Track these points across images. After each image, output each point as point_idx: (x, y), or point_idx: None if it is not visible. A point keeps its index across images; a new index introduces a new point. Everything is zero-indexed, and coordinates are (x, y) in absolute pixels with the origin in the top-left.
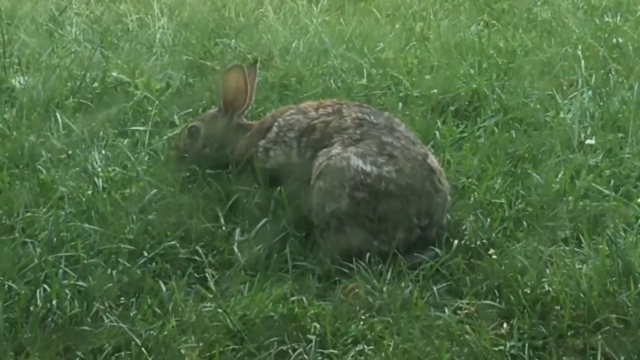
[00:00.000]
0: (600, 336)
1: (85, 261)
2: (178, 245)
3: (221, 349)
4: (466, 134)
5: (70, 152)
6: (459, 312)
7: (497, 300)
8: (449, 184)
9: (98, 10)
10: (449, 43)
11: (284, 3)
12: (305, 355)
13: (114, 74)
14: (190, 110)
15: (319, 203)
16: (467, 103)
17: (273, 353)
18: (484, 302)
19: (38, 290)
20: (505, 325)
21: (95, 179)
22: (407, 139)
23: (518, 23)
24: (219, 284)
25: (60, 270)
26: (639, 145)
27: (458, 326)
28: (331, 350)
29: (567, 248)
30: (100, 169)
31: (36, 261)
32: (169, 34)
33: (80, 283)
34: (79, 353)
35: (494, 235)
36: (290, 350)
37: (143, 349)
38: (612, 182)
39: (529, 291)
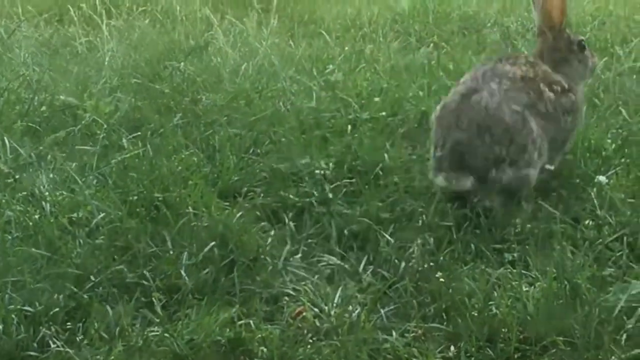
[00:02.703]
0: (547, 359)
1: (32, 286)
2: (125, 269)
3: None
4: (415, 157)
5: (17, 176)
6: (406, 335)
7: (445, 323)
8: None
9: (47, 33)
10: (398, 65)
11: (233, 26)
12: None
13: (63, 97)
14: (139, 133)
15: None
16: (416, 125)
17: None
18: (432, 325)
19: None
20: (452, 348)
21: (43, 203)
22: None
23: (467, 45)
24: (166, 308)
25: (7, 295)
26: (587, 167)
27: (405, 349)
28: None
29: (514, 270)
30: (47, 193)
31: None
32: (118, 57)
33: (27, 308)
34: None
35: (441, 257)
36: None
37: None
38: (560, 204)
39: (476, 314)
